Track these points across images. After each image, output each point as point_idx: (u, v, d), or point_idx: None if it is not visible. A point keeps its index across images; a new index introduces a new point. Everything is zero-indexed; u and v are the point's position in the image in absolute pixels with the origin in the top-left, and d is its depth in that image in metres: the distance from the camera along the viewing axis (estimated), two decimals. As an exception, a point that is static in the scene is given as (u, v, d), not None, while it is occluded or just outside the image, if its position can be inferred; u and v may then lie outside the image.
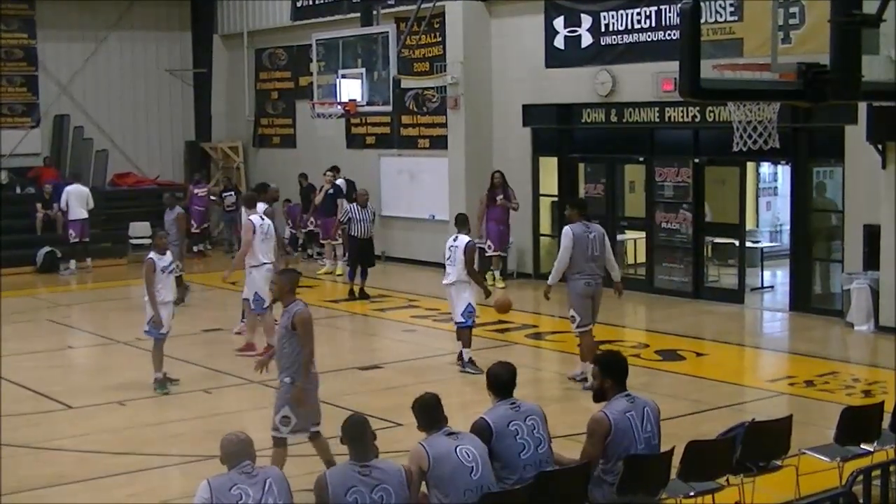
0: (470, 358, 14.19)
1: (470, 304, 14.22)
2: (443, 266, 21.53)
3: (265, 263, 15.19)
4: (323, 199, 22.84)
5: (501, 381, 7.82)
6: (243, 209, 16.90)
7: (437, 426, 7.26)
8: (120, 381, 14.10)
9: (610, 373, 7.91)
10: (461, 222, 14.69)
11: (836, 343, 16.19)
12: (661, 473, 7.82)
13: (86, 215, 23.90)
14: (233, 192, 26.75)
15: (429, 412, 7.33)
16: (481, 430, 7.51)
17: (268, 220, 15.55)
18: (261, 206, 16.40)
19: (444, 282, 14.47)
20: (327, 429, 6.95)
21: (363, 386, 13.92)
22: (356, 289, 19.75)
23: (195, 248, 26.01)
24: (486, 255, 20.66)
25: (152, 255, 13.58)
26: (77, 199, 23.88)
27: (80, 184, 24.61)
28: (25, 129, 26.97)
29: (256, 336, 15.27)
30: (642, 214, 20.13)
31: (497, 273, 20.81)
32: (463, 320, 14.24)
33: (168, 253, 13.72)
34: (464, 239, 14.30)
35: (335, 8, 24.66)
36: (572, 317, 13.53)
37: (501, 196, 20.57)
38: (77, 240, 23.81)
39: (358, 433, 6.88)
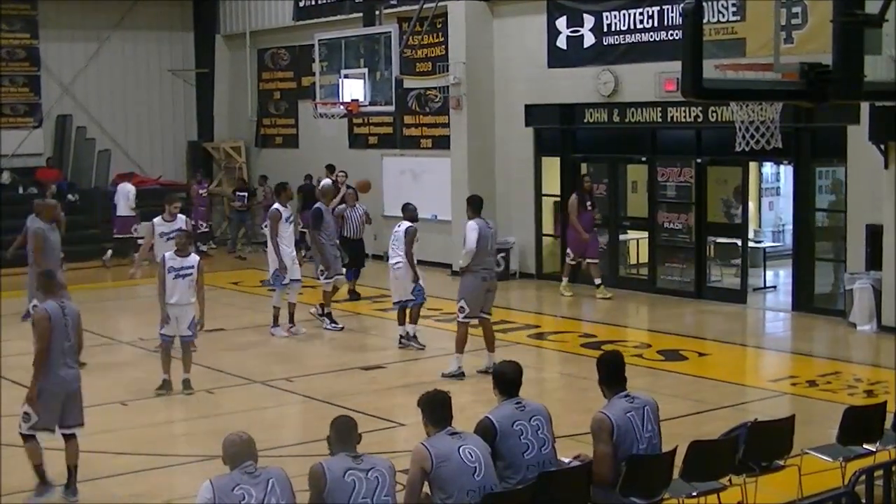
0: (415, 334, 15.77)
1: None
2: (446, 266, 21.78)
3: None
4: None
5: (507, 379, 7.83)
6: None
7: (441, 424, 7.24)
8: (123, 381, 14.11)
9: (605, 373, 7.96)
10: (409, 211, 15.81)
11: (838, 343, 16.18)
12: (663, 473, 7.82)
13: (130, 213, 24.79)
14: (246, 193, 26.86)
15: (433, 409, 7.31)
16: (486, 429, 7.51)
17: (168, 224, 15.86)
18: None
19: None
20: (327, 428, 6.91)
21: (366, 386, 13.93)
22: (351, 288, 19.87)
23: (200, 248, 26.05)
24: (569, 262, 19.96)
25: (167, 254, 13.63)
26: (123, 197, 24.99)
27: (129, 182, 25.55)
28: (28, 129, 27.00)
29: None
30: (645, 214, 20.13)
31: (599, 282, 19.63)
32: (413, 297, 15.55)
33: (192, 255, 13.58)
34: (405, 224, 15.55)
35: (337, 8, 24.66)
36: (461, 307, 14.06)
37: (591, 203, 19.82)
38: (120, 235, 24.73)
39: (346, 431, 6.93)
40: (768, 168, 22.40)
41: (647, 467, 7.72)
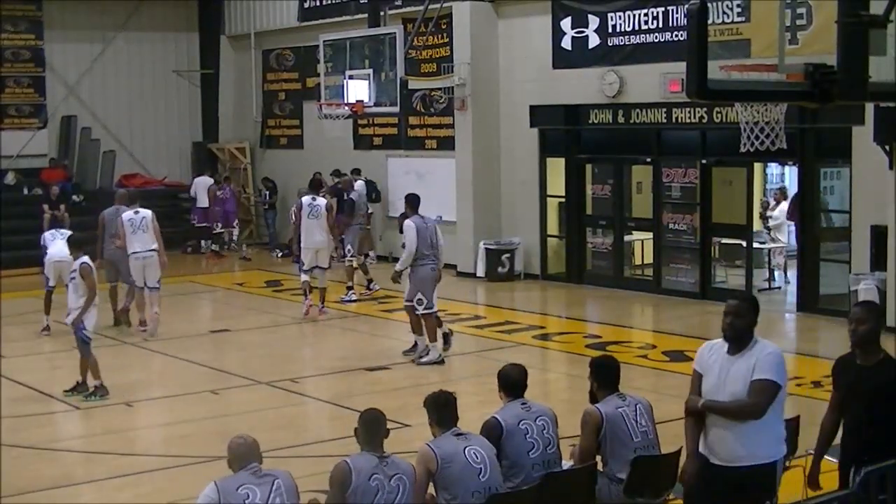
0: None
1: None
2: (450, 267, 21.77)
3: (136, 252, 16.55)
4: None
5: (511, 381, 7.90)
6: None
7: (447, 425, 7.26)
8: (126, 382, 14.11)
9: (602, 376, 8.07)
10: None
11: (843, 344, 16.03)
12: (668, 474, 7.84)
13: (207, 204, 25.91)
14: (268, 191, 27.01)
15: (439, 409, 7.35)
16: (492, 428, 7.55)
17: (140, 214, 16.62)
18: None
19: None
20: (332, 429, 6.92)
21: (371, 386, 13.93)
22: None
23: (210, 248, 26.04)
24: None
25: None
26: (202, 189, 26.06)
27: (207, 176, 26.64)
28: (32, 130, 27.02)
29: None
30: (649, 215, 20.13)
31: None
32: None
33: (79, 259, 13.36)
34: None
35: (342, 9, 24.66)
36: (419, 300, 14.54)
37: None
38: (203, 224, 25.87)
39: (374, 427, 6.99)
40: (773, 169, 22.39)
41: (653, 467, 7.73)
